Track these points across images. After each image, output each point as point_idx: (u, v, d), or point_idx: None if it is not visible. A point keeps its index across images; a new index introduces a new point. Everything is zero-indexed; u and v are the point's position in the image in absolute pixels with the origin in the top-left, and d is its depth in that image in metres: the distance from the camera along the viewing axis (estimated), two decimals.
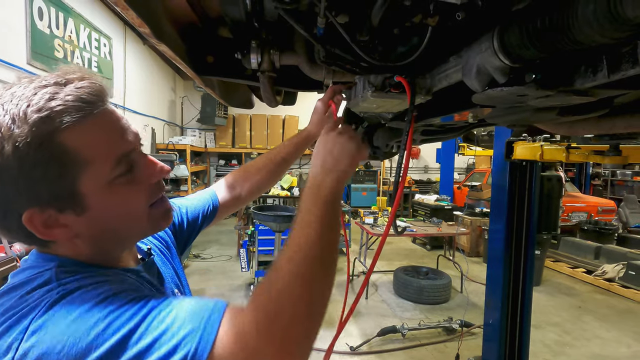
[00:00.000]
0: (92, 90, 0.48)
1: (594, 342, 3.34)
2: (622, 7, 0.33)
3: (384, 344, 3.19)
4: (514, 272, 2.68)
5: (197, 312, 0.45)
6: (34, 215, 0.47)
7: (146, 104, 6.36)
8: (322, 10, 0.69)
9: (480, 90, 0.59)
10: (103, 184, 0.49)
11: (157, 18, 0.84)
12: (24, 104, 0.44)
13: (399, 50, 0.76)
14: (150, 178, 0.55)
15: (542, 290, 4.62)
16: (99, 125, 0.48)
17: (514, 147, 2.37)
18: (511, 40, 0.48)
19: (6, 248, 2.17)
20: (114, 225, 0.53)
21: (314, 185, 0.62)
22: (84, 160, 0.47)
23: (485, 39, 0.53)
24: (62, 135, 0.45)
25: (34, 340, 0.40)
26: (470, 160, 10.37)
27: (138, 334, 0.42)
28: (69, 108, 0.45)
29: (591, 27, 0.37)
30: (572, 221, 6.27)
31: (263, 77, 1.08)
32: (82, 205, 0.49)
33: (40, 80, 0.47)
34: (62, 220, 0.49)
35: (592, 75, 0.51)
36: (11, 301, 0.44)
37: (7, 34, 3.05)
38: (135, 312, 0.44)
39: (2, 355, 0.41)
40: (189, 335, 0.43)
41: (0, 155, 0.43)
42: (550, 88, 0.54)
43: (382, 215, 4.99)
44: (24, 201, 0.46)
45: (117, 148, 0.50)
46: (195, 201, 0.94)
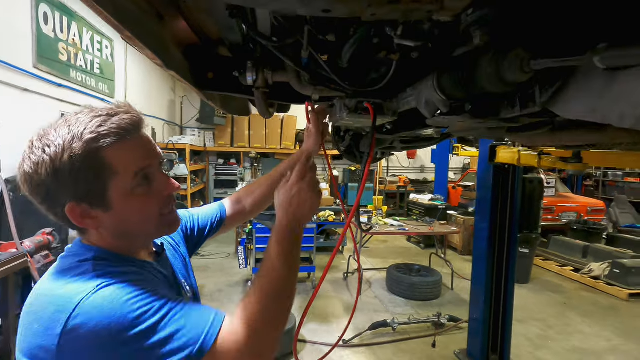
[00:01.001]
0: (130, 121, 0.65)
1: (575, 337, 3.50)
2: (503, 72, 0.47)
3: (375, 337, 3.34)
4: (497, 269, 2.82)
5: (204, 318, 0.62)
6: (74, 207, 0.62)
7: (146, 103, 6.48)
8: (305, 46, 0.83)
9: (430, 117, 0.73)
10: (125, 191, 0.64)
11: (166, 46, 0.98)
12: (82, 127, 0.60)
13: (372, 76, 0.90)
14: (164, 191, 0.69)
15: (530, 288, 4.78)
16: (129, 147, 0.64)
17: (496, 151, 2.51)
18: (445, 83, 0.62)
19: (17, 244, 2.30)
20: (131, 223, 0.67)
21: (280, 231, 0.75)
22: (114, 171, 0.62)
23: (429, 78, 0.67)
24: (103, 152, 0.61)
25: (83, 318, 0.54)
26: (466, 160, 10.53)
27: (162, 325, 0.57)
28: (111, 133, 0.61)
29: (490, 83, 0.51)
30: (562, 221, 6.43)
31: (258, 93, 1.22)
32: (108, 204, 0.64)
33: (99, 110, 0.64)
34: (92, 213, 0.64)
35: (511, 109, 0.65)
36: (61, 284, 0.59)
37: (14, 38, 3.17)
38: (159, 309, 0.58)
39: (50, 329, 0.54)
40: (200, 333, 0.59)
41: (60, 161, 0.59)
42: (482, 117, 0.68)
43: (376, 215, 5.13)
44: (68, 195, 0.61)
45: (137, 164, 0.65)
46: (207, 211, 1.09)
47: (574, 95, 0.52)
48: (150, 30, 0.84)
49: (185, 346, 0.57)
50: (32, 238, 2.52)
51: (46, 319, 0.55)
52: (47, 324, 0.55)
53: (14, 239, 2.30)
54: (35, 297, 0.61)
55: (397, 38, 0.67)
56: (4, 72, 3.01)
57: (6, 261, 2.12)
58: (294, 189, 0.78)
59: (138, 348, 0.55)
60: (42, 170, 0.59)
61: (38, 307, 0.58)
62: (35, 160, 0.60)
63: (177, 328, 0.58)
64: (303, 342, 3.21)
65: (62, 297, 0.57)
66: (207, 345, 0.59)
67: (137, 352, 0.55)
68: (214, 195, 8.43)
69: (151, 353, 0.55)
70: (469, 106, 0.67)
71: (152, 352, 0.56)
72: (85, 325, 0.53)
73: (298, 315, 3.63)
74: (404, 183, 9.38)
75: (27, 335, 0.57)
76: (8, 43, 3.07)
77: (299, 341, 3.22)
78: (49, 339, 0.54)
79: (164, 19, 0.98)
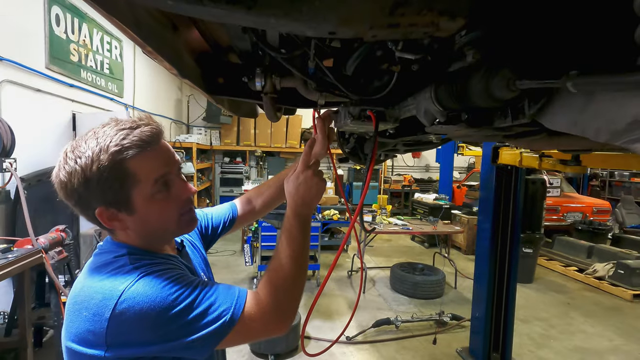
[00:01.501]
0: (151, 134, 0.71)
1: (577, 336, 3.53)
2: (492, 89, 0.52)
3: (378, 335, 3.40)
4: (499, 268, 2.86)
5: (231, 293, 0.72)
6: (103, 211, 0.70)
7: (154, 103, 6.58)
8: (312, 57, 0.88)
9: (429, 125, 0.78)
10: (147, 196, 0.71)
11: (180, 55, 1.03)
12: (108, 140, 0.67)
13: (375, 85, 0.95)
14: (182, 195, 0.76)
15: (533, 288, 4.80)
16: (150, 157, 0.70)
17: (499, 153, 2.55)
18: (441, 95, 0.67)
19: (33, 241, 2.38)
20: (153, 225, 0.74)
21: (293, 215, 0.86)
22: (137, 179, 0.69)
23: (427, 89, 0.72)
24: (126, 162, 0.67)
25: (129, 302, 0.61)
26: (471, 159, 10.51)
27: (197, 303, 0.66)
28: (133, 145, 0.68)
29: (480, 98, 0.56)
30: (567, 221, 6.42)
31: (266, 98, 1.27)
32: (132, 209, 0.71)
33: (123, 124, 0.70)
34: (119, 216, 0.71)
35: (503, 119, 0.70)
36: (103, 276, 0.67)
37: (28, 40, 3.26)
38: (192, 290, 0.67)
39: (98, 315, 0.61)
40: (229, 306, 0.69)
41: (90, 171, 0.65)
42: (477, 126, 0.73)
43: (380, 214, 5.17)
44: (98, 201, 0.69)
45: (157, 172, 0.71)
46: (220, 211, 1.17)
47: (558, 110, 0.57)
48: (167, 42, 0.90)
49: (219, 317, 0.67)
50: (47, 234, 2.60)
51: (94, 306, 0.62)
52: (96, 310, 0.62)
53: (30, 236, 2.38)
54: (79, 289, 0.67)
55: (398, 52, 0.72)
56: (18, 73, 3.10)
57: (22, 257, 2.21)
58: (300, 177, 0.88)
59: (181, 324, 0.64)
60: (75, 180, 0.66)
61: (84, 297, 0.65)
62: (69, 170, 0.67)
63: (210, 303, 0.67)
64: (307, 339, 3.27)
65: (107, 287, 0.64)
66: (237, 314, 0.68)
67: (180, 327, 0.64)
68: (219, 193, 8.52)
69: (192, 326, 0.65)
70: (465, 116, 0.72)
71: (192, 325, 0.65)
72: (132, 308, 0.61)
73: (303, 313, 3.70)
74: (409, 182, 9.40)
75: (75, 321, 0.64)
76: (22, 45, 3.15)
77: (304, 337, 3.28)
78: (98, 324, 0.61)
79: (178, 29, 1.03)
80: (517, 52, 0.52)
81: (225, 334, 0.67)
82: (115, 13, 0.62)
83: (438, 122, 0.76)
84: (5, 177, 2.85)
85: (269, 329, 0.74)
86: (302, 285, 0.82)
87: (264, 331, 0.74)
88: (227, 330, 0.67)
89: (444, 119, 0.73)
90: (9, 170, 2.46)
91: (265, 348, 2.91)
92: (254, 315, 0.71)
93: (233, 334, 0.68)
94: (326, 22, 0.52)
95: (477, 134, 0.83)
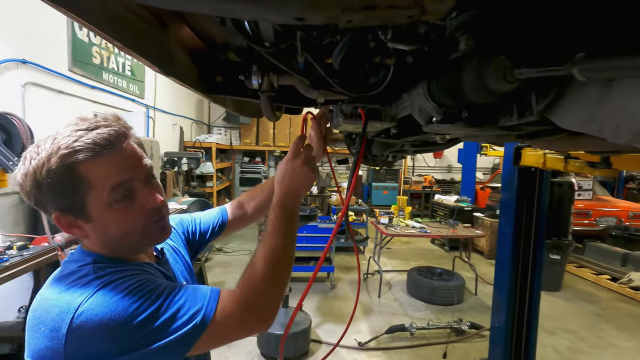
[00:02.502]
0: (109, 136, 0.65)
1: (609, 351, 3.28)
2: (486, 81, 0.44)
3: (391, 342, 3.29)
4: (521, 275, 2.69)
5: (202, 294, 0.67)
6: (60, 217, 0.66)
7: (175, 103, 6.70)
8: (300, 50, 0.82)
9: (425, 124, 0.69)
10: (103, 204, 0.65)
11: (170, 53, 0.99)
12: (60, 142, 0.62)
13: (371, 81, 0.88)
14: (147, 204, 0.70)
15: (561, 296, 4.53)
16: (104, 163, 0.64)
17: (521, 154, 2.39)
18: (434, 90, 0.59)
19: (49, 238, 2.44)
20: (114, 234, 0.68)
21: (279, 204, 0.82)
22: (90, 185, 0.64)
23: (421, 85, 0.64)
24: (77, 166, 0.62)
25: (87, 315, 0.57)
26: (495, 160, 10.12)
27: (164, 309, 0.62)
28: (85, 148, 0.62)
29: (473, 92, 0.47)
30: (600, 226, 6.03)
31: (263, 97, 1.21)
32: (88, 216, 0.66)
33: (82, 124, 0.65)
34: (78, 223, 0.67)
35: (509, 117, 0.61)
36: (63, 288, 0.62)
37: (51, 43, 3.37)
38: (159, 295, 0.63)
39: (55, 330, 0.57)
40: (199, 308, 0.64)
41: (40, 174, 0.61)
42: (478, 126, 0.64)
43: (397, 215, 5.04)
44: (52, 206, 0.65)
45: (113, 179, 0.65)
46: (208, 216, 1.11)
47: (570, 105, 0.48)
48: (150, 39, 0.86)
49: (189, 321, 0.63)
50: (62, 233, 2.66)
51: (51, 321, 0.58)
52: (53, 325, 0.58)
53: (46, 234, 2.45)
54: (38, 302, 0.63)
55: (389, 42, 0.64)
56: (43, 76, 3.20)
57: (39, 254, 2.27)
58: (288, 165, 0.85)
59: (146, 332, 0.60)
60: (28, 182, 0.63)
61: (42, 312, 0.61)
62: (24, 172, 0.63)
63: (178, 307, 0.63)
64: (318, 343, 3.21)
65: (64, 300, 0.60)
66: (209, 316, 0.64)
67: (146, 336, 0.60)
68: (239, 192, 8.60)
69: (159, 333, 0.61)
70: (465, 113, 0.64)
71: (160, 332, 0.61)
72: (90, 321, 0.57)
73: (315, 316, 3.64)
74: (430, 183, 9.15)
75: (34, 338, 0.60)
76: (46, 48, 3.26)
77: (314, 341, 3.22)
78: (56, 340, 0.57)
79: (168, 27, 0.99)
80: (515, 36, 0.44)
81: (196, 337, 0.63)
82: (75, 7, 0.58)
83: (435, 120, 0.68)
84: None
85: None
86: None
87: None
88: (198, 333, 0.63)
89: (439, 117, 0.65)
90: None
91: (274, 351, 2.87)
92: (228, 314, 0.66)
93: (207, 336, 0.64)
94: (289, 6, 0.45)
95: (482, 134, 0.74)
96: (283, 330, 2.86)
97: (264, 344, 2.93)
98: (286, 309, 3.07)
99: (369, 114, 0.80)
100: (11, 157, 2.43)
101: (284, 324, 2.91)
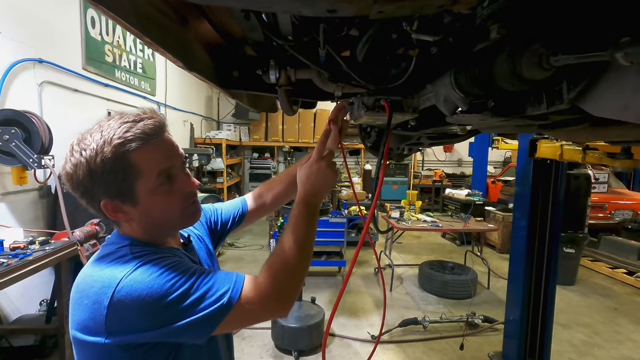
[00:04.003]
0: (154, 127, 0.72)
1: (625, 345, 3.24)
2: (520, 69, 0.44)
3: (404, 335, 3.30)
4: (536, 269, 2.66)
5: (228, 278, 0.72)
6: (107, 203, 0.71)
7: (185, 100, 6.76)
8: (322, 43, 0.82)
9: (449, 114, 0.69)
10: (150, 189, 0.71)
11: (190, 48, 1.01)
12: (112, 132, 0.68)
13: (392, 73, 0.88)
14: (185, 188, 0.76)
15: (575, 290, 4.47)
16: (152, 150, 0.71)
17: (537, 146, 2.36)
18: (461, 80, 0.59)
19: (69, 234, 2.51)
20: (157, 217, 0.75)
21: (302, 202, 0.85)
22: (140, 171, 0.70)
23: (447, 75, 0.64)
24: (129, 154, 0.68)
25: (126, 290, 0.62)
26: (507, 153, 9.98)
27: (194, 289, 0.67)
28: (136, 138, 0.68)
29: (506, 80, 0.47)
30: (615, 219, 5.93)
31: (280, 91, 1.22)
32: (135, 201, 0.72)
33: (127, 117, 0.71)
34: (123, 208, 0.72)
35: (537, 106, 0.61)
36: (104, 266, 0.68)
37: (65, 42, 3.42)
38: (190, 275, 0.68)
39: (98, 302, 0.63)
40: (226, 290, 0.69)
41: (94, 163, 0.67)
42: (505, 115, 0.64)
43: (408, 210, 5.02)
44: (102, 192, 0.70)
45: (160, 166, 0.72)
46: (229, 206, 1.16)
47: (605, 92, 0.48)
48: (172, 34, 0.87)
49: (217, 300, 0.67)
50: (82, 228, 2.73)
51: (94, 295, 0.64)
52: (95, 298, 0.64)
53: (66, 229, 2.51)
54: (82, 278, 0.70)
55: (413, 33, 0.64)
56: (57, 75, 3.26)
57: (59, 249, 2.32)
58: (313, 166, 0.87)
59: (179, 308, 0.65)
60: (80, 171, 0.68)
61: (85, 286, 0.67)
62: (74, 162, 0.68)
63: (207, 288, 0.68)
64: (332, 336, 3.24)
65: (106, 275, 0.66)
66: (235, 297, 0.69)
67: (178, 312, 0.65)
68: (249, 188, 8.66)
69: (189, 311, 0.65)
70: (491, 103, 0.63)
71: (190, 310, 0.65)
72: (129, 295, 0.62)
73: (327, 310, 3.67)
74: (440, 177, 9.08)
75: (78, 310, 0.66)
76: (60, 47, 3.31)
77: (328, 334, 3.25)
78: (98, 311, 0.63)
79: (189, 22, 1.01)
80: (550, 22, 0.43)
81: (222, 317, 0.68)
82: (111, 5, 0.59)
83: (460, 111, 0.68)
84: (46, 173, 3.02)
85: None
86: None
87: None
88: (224, 313, 0.68)
89: (465, 107, 0.65)
90: (48, 166, 2.59)
91: (289, 344, 2.90)
92: (251, 298, 0.70)
93: (231, 316, 0.68)
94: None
95: (507, 124, 0.73)
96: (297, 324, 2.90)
97: (277, 337, 2.96)
98: (300, 302, 3.10)
99: (391, 106, 0.80)
100: (31, 155, 2.49)
101: (298, 317, 2.95)
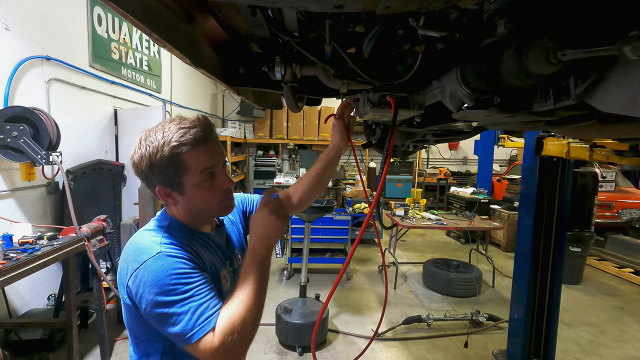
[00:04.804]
0: (203, 134, 0.86)
1: (631, 344, 3.22)
2: (527, 64, 0.44)
3: (408, 332, 3.30)
4: (541, 267, 2.65)
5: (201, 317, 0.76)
6: (161, 189, 0.88)
7: (190, 98, 6.79)
8: (328, 40, 0.82)
9: (455, 111, 0.69)
10: (195, 183, 0.87)
11: (196, 45, 1.01)
12: (171, 135, 0.83)
13: (398, 69, 0.88)
14: (222, 185, 0.91)
15: (581, 289, 4.45)
16: (200, 152, 0.86)
17: (543, 143, 2.34)
18: (468, 75, 0.59)
19: (76, 229, 2.53)
20: (198, 206, 0.91)
21: (249, 253, 0.88)
22: (188, 168, 0.85)
23: (453, 71, 0.64)
24: (183, 154, 0.84)
25: (143, 272, 0.78)
26: (513, 151, 9.91)
27: (178, 305, 0.76)
28: (189, 141, 0.84)
29: (513, 75, 0.47)
30: (623, 218, 5.87)
31: (286, 87, 1.23)
32: (182, 191, 0.88)
33: (184, 122, 0.86)
34: (173, 195, 0.89)
35: (544, 102, 0.60)
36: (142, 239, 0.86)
37: (73, 40, 3.45)
38: (182, 292, 0.77)
39: (124, 278, 0.81)
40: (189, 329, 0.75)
41: (155, 158, 0.83)
42: (512, 111, 0.64)
43: (413, 207, 5.01)
44: (158, 181, 0.86)
45: (203, 165, 0.86)
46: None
47: (613, 87, 0.47)
48: (179, 31, 0.88)
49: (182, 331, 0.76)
50: (89, 224, 2.76)
51: (126, 262, 0.83)
52: (127, 265, 0.82)
53: (74, 225, 2.54)
54: (130, 241, 0.87)
55: (420, 29, 0.64)
56: (65, 72, 3.29)
57: (67, 244, 2.35)
58: (257, 215, 0.91)
59: (157, 313, 0.77)
60: (144, 163, 0.84)
61: (128, 249, 0.85)
62: (140, 155, 0.84)
63: (186, 310, 0.76)
64: (335, 333, 3.25)
65: (139, 250, 0.82)
66: (190, 340, 0.75)
67: (156, 316, 0.78)
68: (253, 185, 8.68)
69: (164, 320, 0.77)
70: (497, 99, 0.63)
71: (165, 320, 0.76)
72: (143, 276, 0.79)
73: (331, 307, 3.68)
74: (445, 175, 9.04)
75: (120, 267, 0.85)
76: (67, 45, 3.34)
77: (332, 331, 3.26)
78: (126, 277, 0.81)
79: (195, 18, 1.01)
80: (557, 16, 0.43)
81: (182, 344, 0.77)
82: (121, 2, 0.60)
83: (466, 107, 0.68)
84: (54, 170, 3.06)
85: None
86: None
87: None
88: (182, 343, 0.77)
89: (472, 103, 0.65)
90: (56, 163, 2.62)
91: (293, 340, 2.92)
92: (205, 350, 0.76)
93: (187, 348, 0.77)
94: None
95: (513, 120, 0.73)
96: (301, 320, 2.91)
97: (282, 333, 2.98)
98: (304, 299, 3.12)
99: (397, 102, 0.81)
100: (39, 151, 2.51)
101: (302, 314, 2.96)
